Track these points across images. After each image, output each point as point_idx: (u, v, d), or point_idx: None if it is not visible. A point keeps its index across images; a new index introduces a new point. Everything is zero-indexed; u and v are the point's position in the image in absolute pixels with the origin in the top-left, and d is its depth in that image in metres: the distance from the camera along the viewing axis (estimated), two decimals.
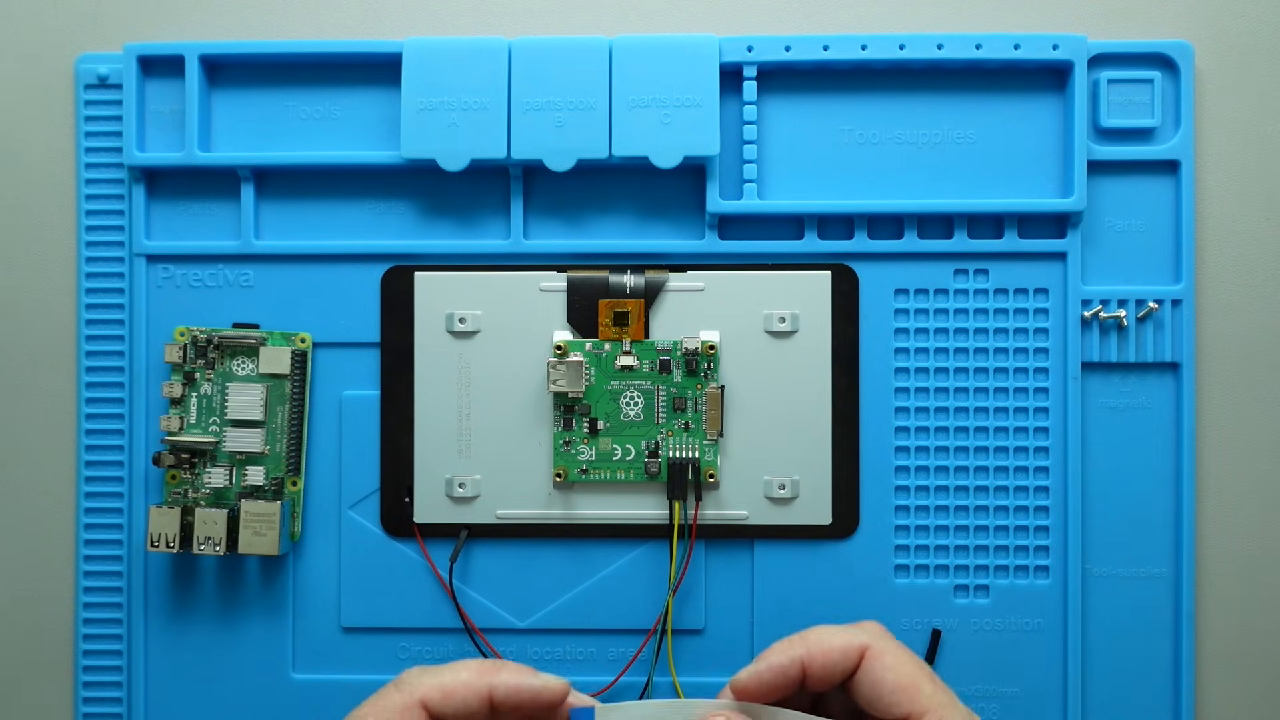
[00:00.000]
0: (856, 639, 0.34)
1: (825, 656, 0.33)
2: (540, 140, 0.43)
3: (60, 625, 0.45)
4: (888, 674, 0.33)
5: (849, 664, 0.33)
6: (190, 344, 0.43)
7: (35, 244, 0.45)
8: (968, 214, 0.43)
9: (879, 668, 0.33)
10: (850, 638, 0.34)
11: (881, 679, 0.33)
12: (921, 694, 0.33)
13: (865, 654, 0.33)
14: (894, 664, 0.33)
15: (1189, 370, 0.43)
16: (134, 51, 0.44)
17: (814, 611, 0.43)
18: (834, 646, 0.33)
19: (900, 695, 0.32)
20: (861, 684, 0.33)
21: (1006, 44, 0.43)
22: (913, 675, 0.33)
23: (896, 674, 0.33)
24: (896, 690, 0.33)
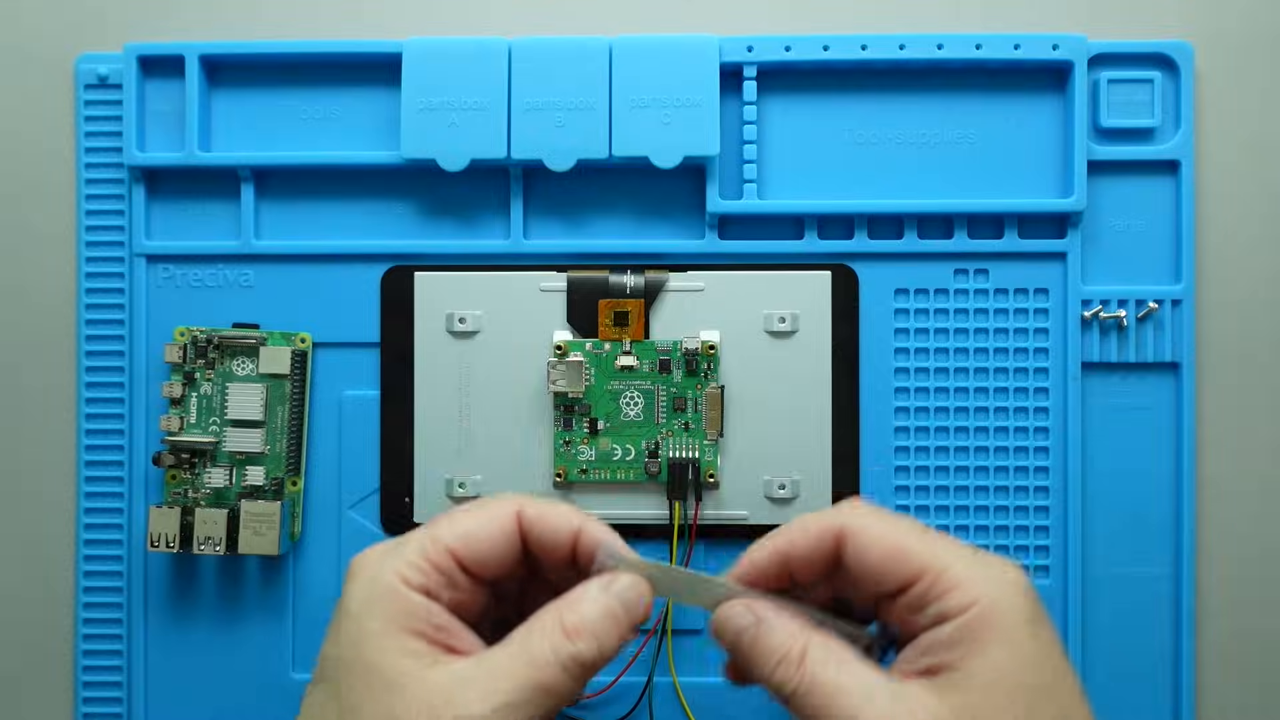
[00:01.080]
0: (830, 521, 0.29)
1: (802, 546, 0.29)
2: (540, 140, 0.43)
3: (60, 625, 0.45)
4: (870, 551, 0.28)
5: (828, 550, 0.29)
6: (190, 344, 0.43)
7: (35, 244, 0.45)
8: (968, 214, 0.43)
9: (859, 546, 0.29)
10: (824, 520, 0.29)
11: (864, 559, 0.29)
12: (910, 555, 0.28)
13: (842, 536, 0.29)
14: (875, 536, 0.29)
15: (1189, 370, 0.43)
16: (134, 51, 0.44)
17: None
18: (809, 533, 0.29)
19: (888, 566, 0.28)
20: (850, 571, 0.29)
21: (1006, 44, 0.43)
22: (895, 538, 0.28)
23: (879, 545, 0.28)
24: (883, 562, 0.28)
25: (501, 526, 0.30)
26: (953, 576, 0.28)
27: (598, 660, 0.29)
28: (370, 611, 0.28)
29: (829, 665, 0.28)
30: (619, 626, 0.29)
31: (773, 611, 0.29)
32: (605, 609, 0.29)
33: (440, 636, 0.29)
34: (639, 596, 0.30)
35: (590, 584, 0.30)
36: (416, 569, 0.29)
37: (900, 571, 0.28)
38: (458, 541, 0.29)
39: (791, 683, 0.28)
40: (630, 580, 0.30)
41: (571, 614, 0.29)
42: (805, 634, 0.29)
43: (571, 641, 0.28)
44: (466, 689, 0.27)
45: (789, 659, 0.28)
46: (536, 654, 0.28)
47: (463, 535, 0.30)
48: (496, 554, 0.30)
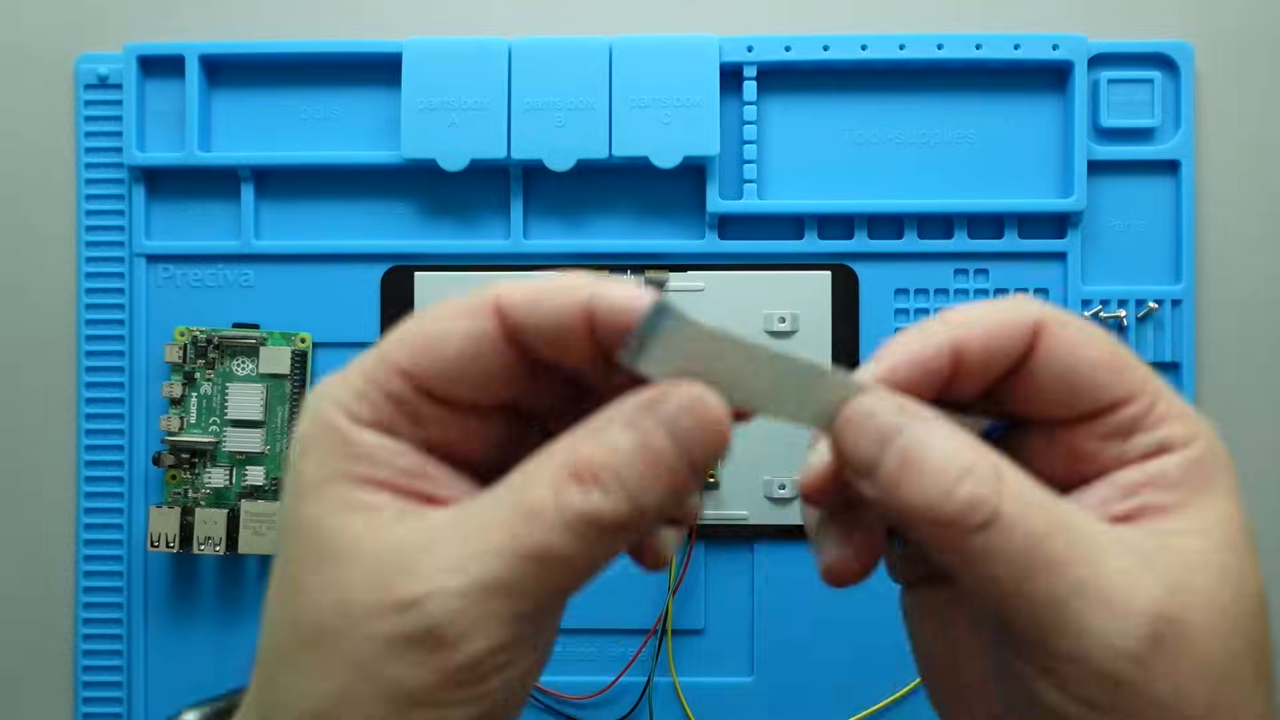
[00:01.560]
0: (1022, 309, 0.22)
1: (987, 338, 0.22)
2: (540, 140, 0.43)
3: (60, 625, 0.45)
4: (1080, 355, 0.22)
5: (1018, 346, 0.22)
6: (190, 344, 0.43)
7: (35, 244, 0.45)
8: (968, 214, 0.43)
9: (1066, 349, 0.22)
10: (1013, 312, 0.22)
11: (1071, 364, 0.22)
12: (1129, 368, 0.22)
13: (1040, 329, 0.22)
14: (1085, 338, 0.22)
15: (1189, 370, 0.43)
16: (134, 52, 0.44)
17: (814, 610, 0.43)
18: (994, 321, 0.22)
19: (1101, 377, 0.22)
20: (1042, 372, 0.22)
21: (1006, 44, 0.43)
22: (1110, 345, 0.22)
23: (1092, 350, 0.22)
24: (1095, 371, 0.22)
25: (471, 328, 0.21)
26: (1169, 405, 0.22)
27: (626, 521, 0.20)
28: (309, 456, 0.21)
29: (1034, 492, 0.20)
30: (665, 471, 0.20)
31: (932, 415, 0.21)
32: (642, 442, 0.20)
33: (412, 484, 0.21)
34: (704, 420, 0.21)
35: (625, 401, 0.20)
36: (362, 398, 0.21)
37: (1114, 386, 0.22)
38: (410, 358, 0.21)
39: (989, 505, 0.19)
40: (689, 394, 0.20)
41: (589, 445, 0.20)
42: (986, 449, 0.21)
43: (583, 489, 0.20)
44: (431, 554, 0.19)
45: (979, 472, 0.20)
46: (533, 504, 0.20)
47: (416, 349, 0.21)
48: (475, 368, 0.21)
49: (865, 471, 0.21)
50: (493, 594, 0.19)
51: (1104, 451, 0.22)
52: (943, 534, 0.20)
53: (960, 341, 0.22)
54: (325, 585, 0.20)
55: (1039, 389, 0.22)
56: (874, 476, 0.21)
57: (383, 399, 0.21)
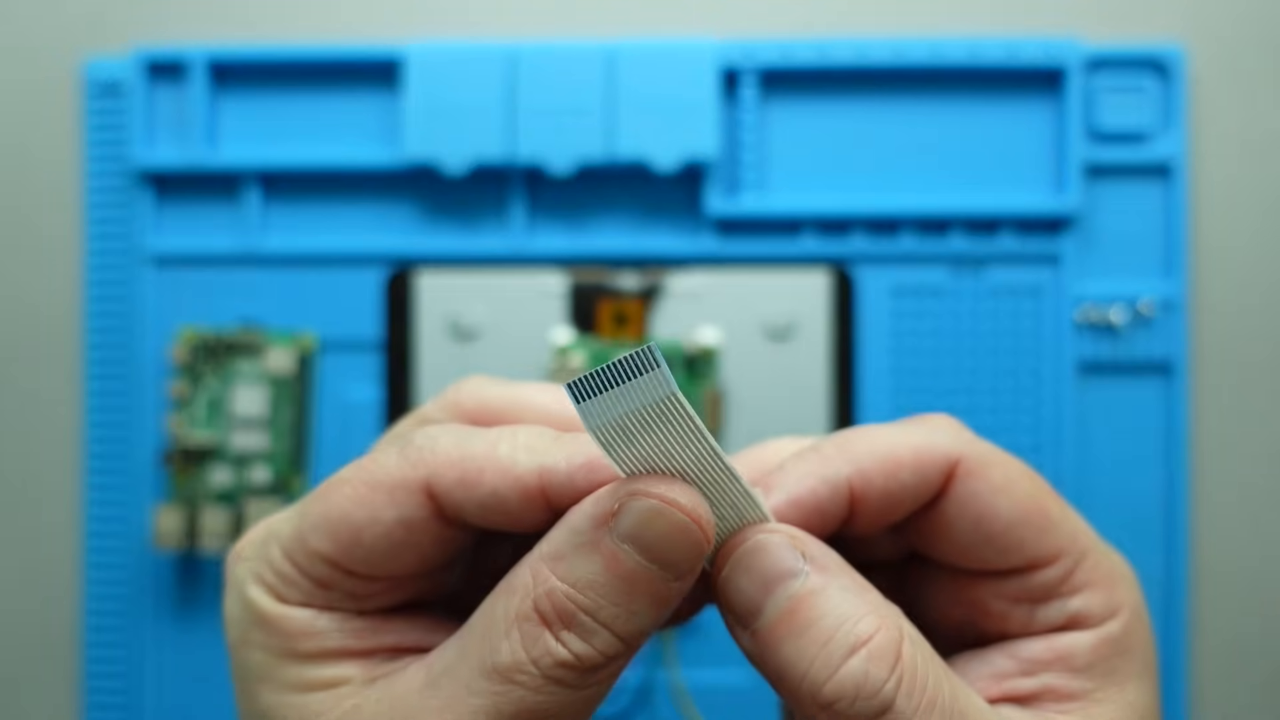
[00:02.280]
0: (936, 445, 0.20)
1: (890, 479, 0.19)
2: (542, 143, 0.43)
3: (65, 624, 0.45)
4: (998, 504, 0.19)
5: (927, 488, 0.20)
6: (196, 344, 0.44)
7: (41, 245, 0.46)
8: (964, 216, 0.44)
9: (984, 491, 0.19)
10: (925, 443, 0.20)
11: (990, 507, 0.19)
12: (1052, 524, 0.19)
13: (956, 470, 0.20)
14: (1005, 483, 0.19)
15: (1182, 371, 0.44)
16: (140, 55, 0.44)
17: None
18: (901, 460, 0.19)
19: (1019, 532, 0.19)
20: (954, 518, 0.20)
21: (1001, 48, 0.43)
22: (1035, 495, 0.20)
23: (1013, 500, 0.19)
24: (1013, 526, 0.19)
25: (400, 516, 0.19)
26: (1092, 570, 0.19)
27: (617, 654, 0.18)
28: (250, 644, 0.20)
29: (935, 679, 0.17)
30: (645, 593, 0.17)
31: (835, 563, 0.18)
32: (609, 568, 0.17)
33: (371, 642, 0.20)
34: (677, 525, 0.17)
35: (578, 514, 0.18)
36: (286, 580, 0.19)
37: (1032, 545, 0.19)
38: (332, 546, 0.19)
39: (882, 697, 0.17)
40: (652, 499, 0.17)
41: (550, 582, 0.17)
42: (892, 612, 0.18)
43: (557, 635, 0.17)
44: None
45: (877, 648, 0.17)
46: (507, 664, 0.17)
47: (339, 537, 0.19)
48: (405, 554, 0.19)
49: (743, 618, 0.18)
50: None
51: (1012, 614, 0.20)
52: (816, 713, 0.17)
53: (861, 480, 0.19)
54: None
55: (948, 535, 0.20)
56: (752, 627, 0.18)
57: (308, 583, 0.19)
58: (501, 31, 0.45)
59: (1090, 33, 0.44)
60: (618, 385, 0.16)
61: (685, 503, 0.17)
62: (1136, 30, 0.45)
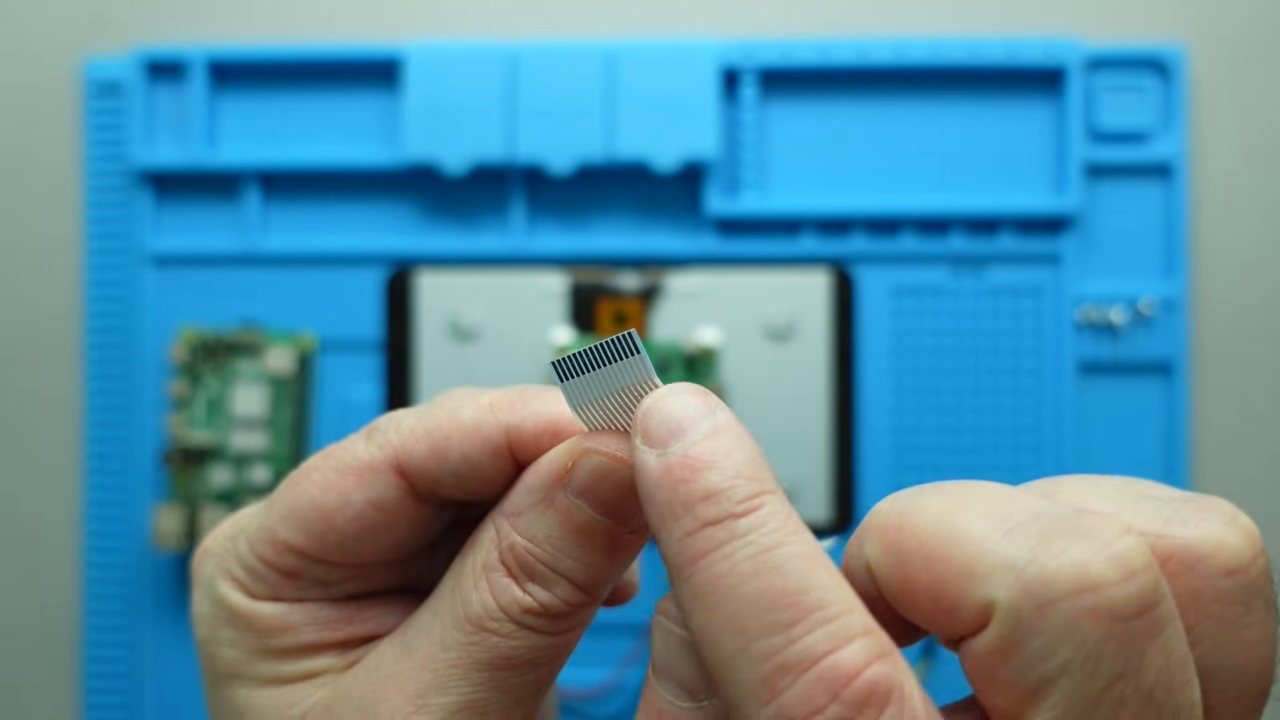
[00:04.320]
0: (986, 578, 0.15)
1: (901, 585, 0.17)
2: (542, 143, 0.43)
3: (65, 624, 0.45)
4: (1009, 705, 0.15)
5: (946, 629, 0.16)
6: (196, 344, 0.44)
7: (41, 245, 0.46)
8: (964, 216, 0.44)
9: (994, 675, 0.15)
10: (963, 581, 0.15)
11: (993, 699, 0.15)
12: None
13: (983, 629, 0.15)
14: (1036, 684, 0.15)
15: (1182, 371, 0.44)
16: (141, 56, 0.44)
17: None
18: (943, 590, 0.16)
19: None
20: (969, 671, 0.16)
21: (1002, 48, 0.43)
22: None
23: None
24: None
25: (371, 497, 0.19)
26: None
27: (582, 602, 0.18)
28: (220, 641, 0.19)
29: None
30: (601, 546, 0.18)
31: None
32: (565, 521, 0.18)
33: (344, 632, 0.19)
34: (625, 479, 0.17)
35: (532, 475, 0.18)
36: (255, 575, 0.19)
37: None
38: (302, 536, 0.19)
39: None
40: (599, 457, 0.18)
41: (511, 537, 0.18)
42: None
43: (522, 584, 0.18)
44: (391, 699, 0.18)
45: None
46: (478, 614, 0.18)
47: (308, 525, 0.19)
48: (378, 536, 0.19)
49: None
50: (468, 716, 0.18)
51: None
52: None
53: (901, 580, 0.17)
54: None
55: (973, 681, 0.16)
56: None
57: (277, 576, 0.19)
58: (501, 31, 0.45)
59: (1090, 33, 0.44)
60: (600, 367, 0.17)
61: (625, 459, 0.18)
62: (1136, 30, 0.45)
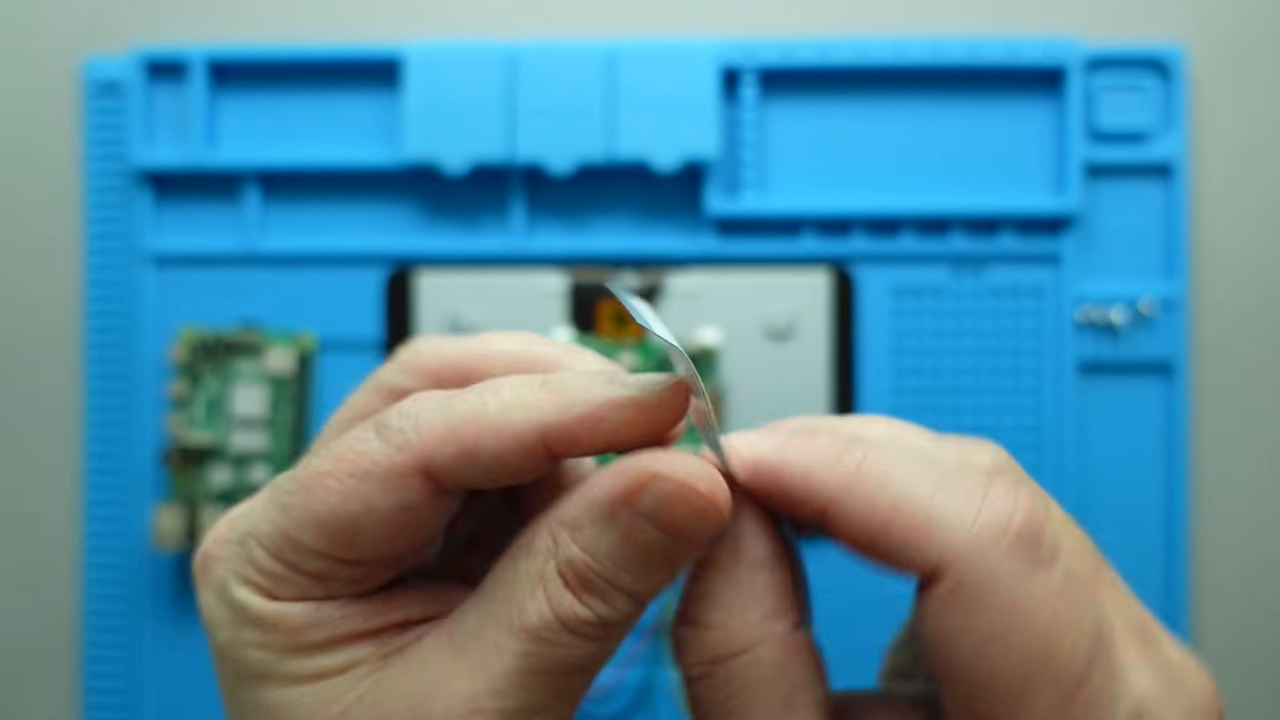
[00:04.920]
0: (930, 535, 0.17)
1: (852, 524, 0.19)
2: (542, 143, 0.43)
3: (65, 624, 0.45)
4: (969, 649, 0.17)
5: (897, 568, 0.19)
6: (196, 344, 0.44)
7: (40, 245, 0.46)
8: (964, 216, 0.44)
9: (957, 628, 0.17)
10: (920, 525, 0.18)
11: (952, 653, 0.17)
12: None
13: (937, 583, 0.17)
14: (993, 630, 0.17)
15: (1183, 371, 0.44)
16: (141, 56, 0.44)
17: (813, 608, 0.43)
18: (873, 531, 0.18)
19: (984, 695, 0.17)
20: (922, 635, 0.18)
21: (1002, 48, 0.43)
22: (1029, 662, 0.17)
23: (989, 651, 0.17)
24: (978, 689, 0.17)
25: (396, 502, 0.18)
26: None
27: (636, 613, 0.19)
28: (240, 642, 0.19)
29: None
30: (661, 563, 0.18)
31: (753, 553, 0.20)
32: (628, 539, 0.18)
33: (377, 621, 0.19)
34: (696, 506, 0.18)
35: (599, 485, 0.18)
36: (278, 578, 0.19)
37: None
38: (325, 542, 0.18)
39: None
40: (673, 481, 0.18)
41: (569, 549, 0.18)
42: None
43: (579, 596, 0.18)
44: (441, 700, 0.18)
45: None
46: (534, 622, 0.18)
47: (332, 533, 0.18)
48: (404, 538, 0.19)
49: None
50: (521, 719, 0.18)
51: None
52: None
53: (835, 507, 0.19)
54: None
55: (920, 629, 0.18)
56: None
57: (305, 580, 0.19)
58: (501, 31, 0.45)
59: (1090, 33, 0.44)
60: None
61: (704, 488, 0.18)
62: (1137, 30, 0.45)
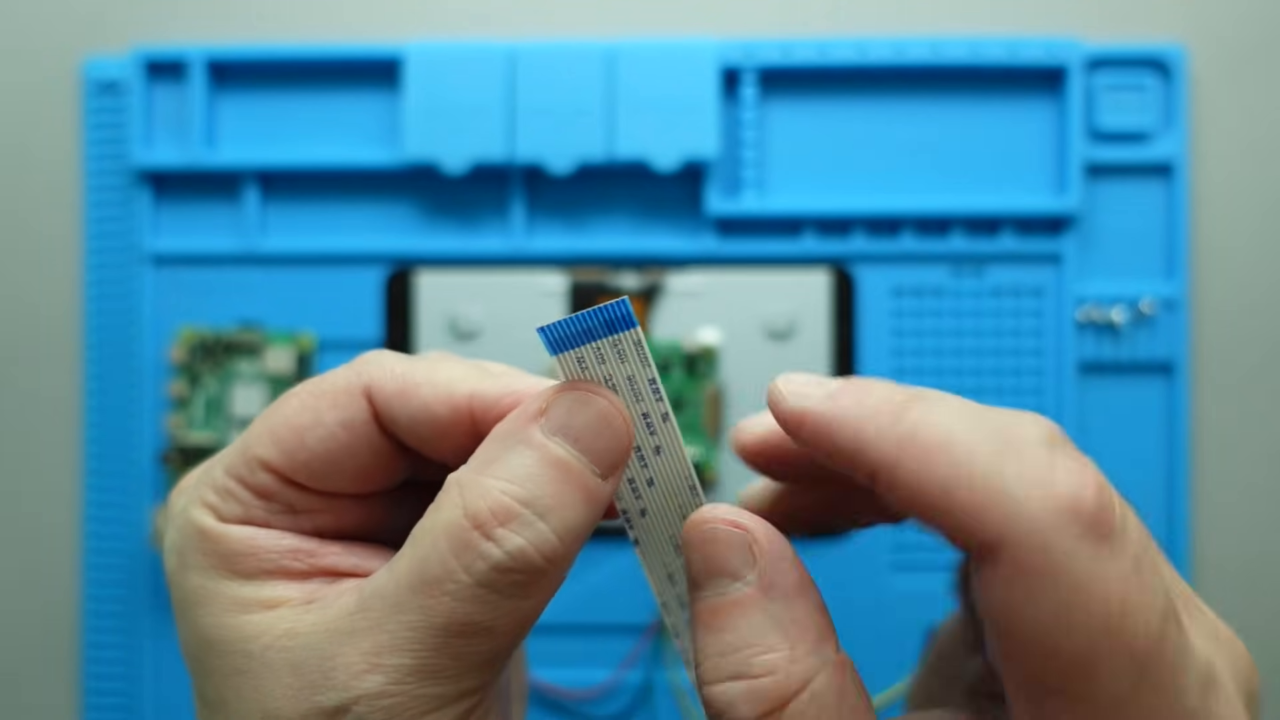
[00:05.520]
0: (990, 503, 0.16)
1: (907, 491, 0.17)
2: (541, 143, 0.43)
3: (65, 624, 0.45)
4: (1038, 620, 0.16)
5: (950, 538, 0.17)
6: (195, 344, 0.44)
7: (39, 245, 0.46)
8: (964, 215, 0.44)
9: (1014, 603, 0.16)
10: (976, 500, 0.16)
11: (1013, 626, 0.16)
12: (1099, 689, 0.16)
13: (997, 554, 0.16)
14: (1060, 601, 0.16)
15: (1183, 371, 0.44)
16: (140, 55, 0.44)
17: None
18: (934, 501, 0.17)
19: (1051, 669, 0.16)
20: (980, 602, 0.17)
21: (1002, 47, 0.43)
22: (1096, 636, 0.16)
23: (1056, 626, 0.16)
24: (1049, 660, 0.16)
25: (341, 418, 0.19)
26: None
27: (552, 554, 0.18)
28: (188, 567, 0.20)
29: None
30: (579, 486, 0.18)
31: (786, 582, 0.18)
32: (543, 458, 0.18)
33: (308, 563, 0.20)
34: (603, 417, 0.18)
35: (507, 423, 0.18)
36: (228, 495, 0.20)
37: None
38: (275, 452, 0.19)
39: None
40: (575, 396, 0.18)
41: (484, 484, 0.18)
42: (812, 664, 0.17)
43: (490, 537, 0.17)
44: (346, 650, 0.18)
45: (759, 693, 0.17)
46: (436, 573, 0.17)
47: (282, 441, 0.19)
48: (347, 460, 0.20)
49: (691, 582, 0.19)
50: (419, 682, 0.17)
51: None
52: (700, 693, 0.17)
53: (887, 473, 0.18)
54: (247, 698, 0.18)
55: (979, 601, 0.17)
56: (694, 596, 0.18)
57: (249, 495, 0.20)
58: (501, 31, 0.45)
59: (1091, 32, 0.44)
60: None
61: (609, 395, 0.19)
62: (1137, 30, 0.45)
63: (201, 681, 0.19)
